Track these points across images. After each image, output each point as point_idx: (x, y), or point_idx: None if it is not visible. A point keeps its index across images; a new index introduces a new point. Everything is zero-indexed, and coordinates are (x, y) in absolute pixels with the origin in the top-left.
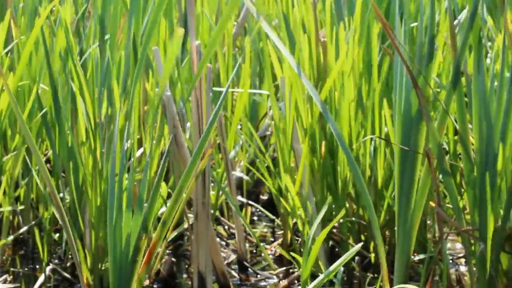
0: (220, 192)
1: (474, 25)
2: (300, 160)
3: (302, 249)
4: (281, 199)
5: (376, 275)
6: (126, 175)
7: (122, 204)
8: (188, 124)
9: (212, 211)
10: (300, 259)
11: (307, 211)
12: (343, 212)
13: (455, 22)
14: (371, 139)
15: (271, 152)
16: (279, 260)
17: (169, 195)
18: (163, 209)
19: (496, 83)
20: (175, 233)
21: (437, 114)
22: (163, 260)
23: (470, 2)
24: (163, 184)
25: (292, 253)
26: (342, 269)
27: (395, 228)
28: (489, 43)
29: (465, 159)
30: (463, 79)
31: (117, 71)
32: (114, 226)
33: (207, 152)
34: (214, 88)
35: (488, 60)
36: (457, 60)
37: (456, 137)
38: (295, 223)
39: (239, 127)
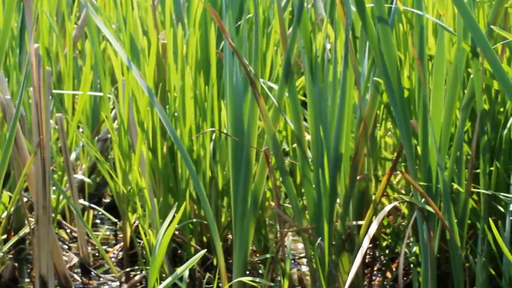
0: (62, 196)
1: (302, 18)
2: (143, 164)
3: (144, 252)
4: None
5: (219, 276)
6: None
7: None
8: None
9: (53, 215)
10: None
11: (151, 214)
12: (180, 214)
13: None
14: (211, 140)
15: (112, 155)
16: (122, 263)
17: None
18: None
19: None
20: (16, 238)
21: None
22: (5, 264)
23: None
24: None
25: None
26: (188, 270)
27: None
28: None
29: (301, 158)
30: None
31: None
32: None
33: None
34: (54, 91)
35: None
36: (287, 53)
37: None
38: (137, 226)
39: (80, 130)
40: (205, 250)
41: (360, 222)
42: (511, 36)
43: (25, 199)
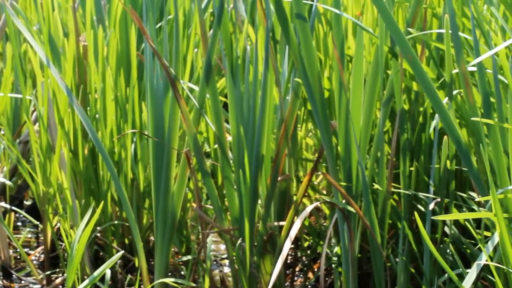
0: None
1: (223, 19)
2: (65, 166)
3: (65, 254)
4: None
5: (141, 278)
6: None
7: None
8: None
9: None
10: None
11: (72, 215)
12: (98, 212)
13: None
14: (132, 142)
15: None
16: (43, 266)
17: None
18: None
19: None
20: None
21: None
22: None
23: None
24: None
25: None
26: (110, 272)
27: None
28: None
29: (222, 159)
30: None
31: None
32: None
33: None
34: None
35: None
36: (208, 54)
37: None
38: (58, 228)
39: (1, 132)
40: (123, 251)
41: (281, 223)
42: (428, 37)
43: None
